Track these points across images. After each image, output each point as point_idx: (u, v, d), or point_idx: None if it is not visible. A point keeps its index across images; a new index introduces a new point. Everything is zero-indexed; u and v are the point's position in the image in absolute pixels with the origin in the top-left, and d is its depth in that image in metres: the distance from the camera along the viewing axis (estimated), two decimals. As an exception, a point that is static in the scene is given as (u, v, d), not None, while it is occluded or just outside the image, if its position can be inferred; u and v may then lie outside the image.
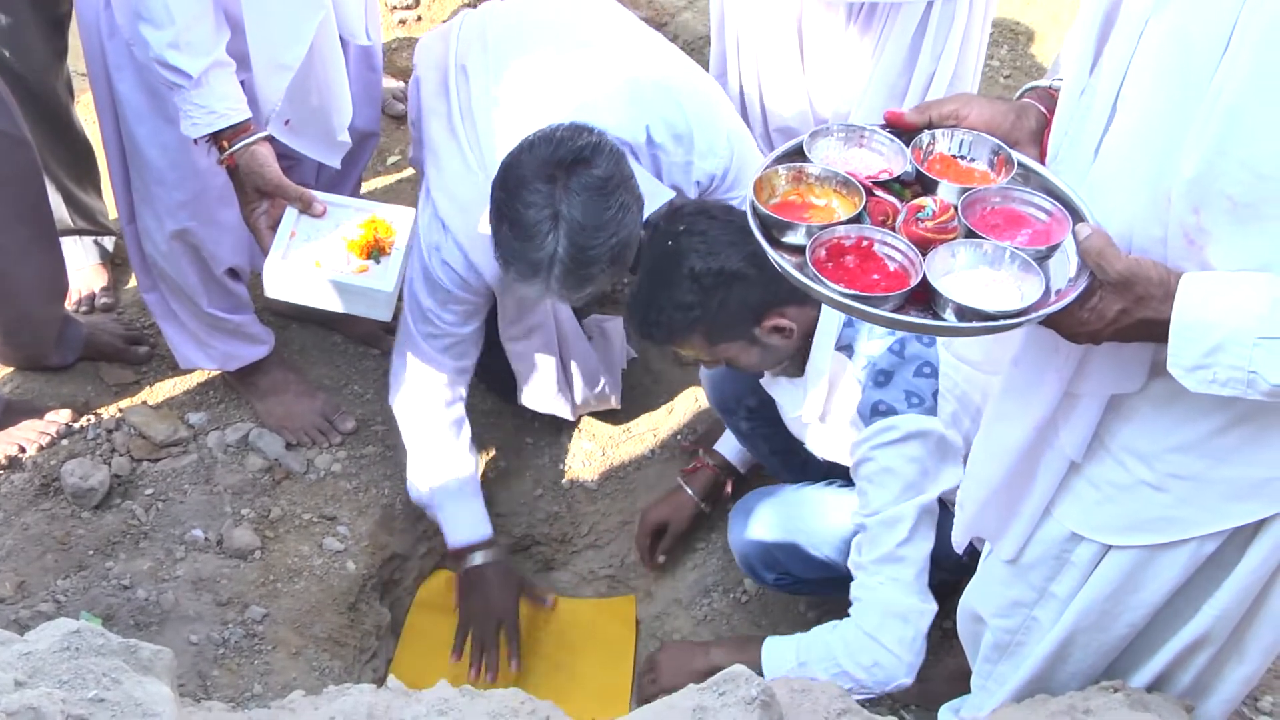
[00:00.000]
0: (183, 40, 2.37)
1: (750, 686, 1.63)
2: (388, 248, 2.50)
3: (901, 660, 2.33)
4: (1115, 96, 1.50)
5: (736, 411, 2.75)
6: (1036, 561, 1.83)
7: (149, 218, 2.78)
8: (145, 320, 3.29)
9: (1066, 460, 1.72)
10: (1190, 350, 1.41)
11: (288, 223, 2.51)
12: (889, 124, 1.66)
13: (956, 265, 1.51)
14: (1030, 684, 1.93)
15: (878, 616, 2.32)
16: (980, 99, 1.69)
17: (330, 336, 3.39)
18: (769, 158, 1.65)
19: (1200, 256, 1.43)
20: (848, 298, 1.46)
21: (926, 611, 2.33)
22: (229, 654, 2.69)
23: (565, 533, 3.24)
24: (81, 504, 2.87)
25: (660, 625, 3.04)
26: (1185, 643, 1.79)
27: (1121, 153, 1.50)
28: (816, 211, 1.59)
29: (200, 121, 2.44)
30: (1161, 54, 1.42)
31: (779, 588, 2.67)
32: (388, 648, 3.03)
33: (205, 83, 2.41)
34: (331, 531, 2.97)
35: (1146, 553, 1.70)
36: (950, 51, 2.95)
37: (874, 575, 2.33)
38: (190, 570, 2.80)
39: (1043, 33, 4.60)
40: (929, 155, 1.64)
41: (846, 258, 1.53)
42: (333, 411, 3.18)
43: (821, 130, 1.67)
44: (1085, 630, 1.82)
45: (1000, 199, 1.57)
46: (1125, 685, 1.87)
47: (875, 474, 2.29)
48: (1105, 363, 1.58)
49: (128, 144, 2.70)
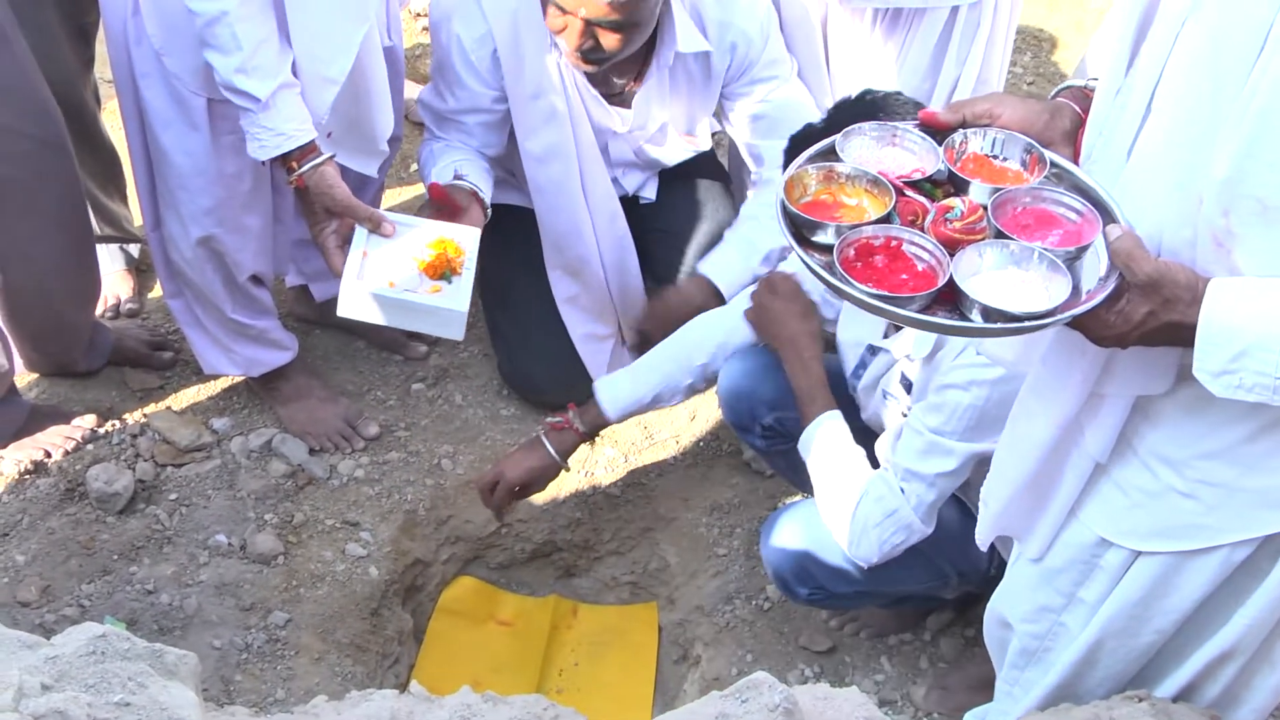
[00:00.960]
0: (250, 65, 2.39)
1: (773, 694, 1.62)
2: (458, 267, 2.54)
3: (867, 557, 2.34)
4: (1150, 97, 1.49)
5: (752, 429, 2.73)
6: (1065, 566, 1.82)
7: (174, 224, 2.80)
8: (170, 326, 3.31)
9: (1092, 460, 1.71)
10: (1216, 355, 1.40)
11: (358, 243, 2.54)
12: (922, 123, 1.66)
13: (984, 266, 1.51)
14: (1057, 690, 1.92)
15: (880, 514, 2.31)
16: (1014, 98, 1.68)
17: (353, 342, 3.40)
18: (801, 157, 1.65)
19: (1228, 259, 1.42)
20: (874, 298, 1.46)
21: (922, 533, 2.33)
22: (252, 659, 2.70)
23: (587, 539, 3.24)
24: (106, 509, 2.88)
25: (682, 632, 3.04)
26: (1215, 652, 1.77)
27: (1154, 153, 1.49)
28: (847, 211, 1.59)
29: (269, 144, 2.46)
30: (1197, 55, 1.42)
31: (812, 603, 2.65)
32: (410, 653, 3.03)
33: (273, 105, 2.43)
34: (354, 537, 2.98)
35: (1177, 559, 1.69)
36: (974, 57, 2.95)
37: (899, 478, 2.30)
38: (213, 575, 2.81)
39: (1066, 40, 4.59)
40: (962, 155, 1.64)
41: (875, 257, 1.53)
42: (356, 417, 3.19)
43: (855, 129, 1.67)
44: (1114, 636, 1.81)
45: (1031, 199, 1.57)
46: (1150, 695, 1.85)
47: (956, 402, 2.22)
48: (1132, 363, 1.57)
49: (153, 151, 2.72)
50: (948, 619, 2.85)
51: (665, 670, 3.06)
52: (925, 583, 2.58)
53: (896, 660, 2.82)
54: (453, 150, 2.94)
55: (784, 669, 2.81)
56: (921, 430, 2.28)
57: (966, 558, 2.54)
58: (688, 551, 3.13)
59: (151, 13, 2.52)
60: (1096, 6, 4.69)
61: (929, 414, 2.27)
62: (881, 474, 2.33)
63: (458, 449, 3.20)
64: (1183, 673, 1.83)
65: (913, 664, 2.81)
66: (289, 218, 2.98)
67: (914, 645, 2.84)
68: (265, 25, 2.43)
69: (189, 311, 3.00)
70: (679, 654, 3.04)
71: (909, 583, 2.54)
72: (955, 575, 2.57)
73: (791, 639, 2.86)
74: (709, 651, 2.90)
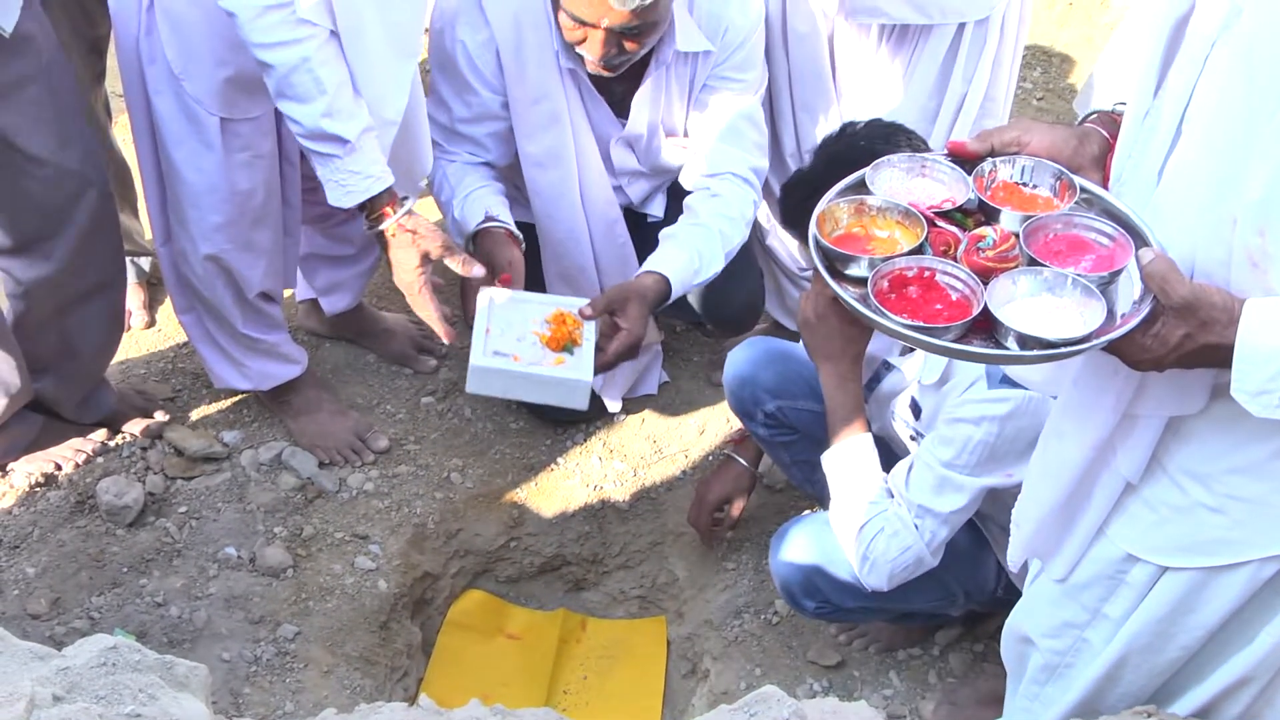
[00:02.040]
0: (334, 108, 2.39)
1: (782, 708, 1.62)
2: (578, 338, 2.62)
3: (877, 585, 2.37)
4: (1180, 119, 1.50)
5: (755, 416, 2.74)
6: (1090, 582, 1.81)
7: (184, 240, 2.81)
8: (179, 340, 3.32)
9: (1123, 481, 1.70)
10: (1255, 375, 1.40)
11: (481, 320, 2.60)
12: (951, 153, 1.67)
13: (1018, 293, 1.52)
14: (1079, 707, 1.91)
15: (896, 549, 2.33)
16: (1041, 125, 1.69)
17: (363, 356, 3.41)
18: (832, 191, 1.66)
19: (1264, 279, 1.42)
20: (909, 329, 1.47)
21: (930, 565, 2.36)
22: (261, 672, 2.70)
23: (596, 553, 3.24)
24: (116, 521, 2.89)
25: (691, 646, 3.03)
26: (1239, 670, 1.76)
27: (1186, 175, 1.50)
28: (880, 243, 1.61)
29: (355, 189, 2.46)
30: (1228, 77, 1.42)
31: (820, 616, 2.65)
32: (419, 667, 3.03)
33: (359, 148, 2.43)
34: (363, 550, 2.98)
35: (1204, 574, 1.68)
36: (982, 74, 2.95)
37: (914, 515, 2.32)
38: (223, 588, 2.82)
39: (1076, 55, 4.59)
40: (992, 184, 1.64)
41: (909, 288, 1.55)
42: (365, 430, 3.19)
43: (884, 161, 1.69)
44: (1138, 652, 1.80)
45: (1063, 225, 1.58)
46: (1157, 710, 1.85)
47: (966, 436, 2.24)
48: (1165, 384, 1.57)
49: (165, 167, 2.73)
50: (956, 634, 2.85)
51: (673, 684, 3.06)
52: (933, 601, 2.59)
53: (905, 675, 2.81)
54: (470, 175, 2.91)
55: (792, 683, 2.80)
56: (933, 464, 2.30)
57: (974, 578, 2.55)
58: (696, 565, 3.13)
59: (170, 39, 2.53)
60: (1107, 21, 4.70)
61: (940, 447, 2.29)
62: (896, 510, 2.35)
63: (467, 462, 3.21)
64: (1204, 689, 1.82)
65: (921, 679, 2.80)
66: (298, 231, 2.99)
67: (923, 660, 2.84)
68: (341, 68, 2.43)
69: (200, 326, 3.01)
70: (687, 668, 3.04)
71: (917, 601, 2.55)
72: (962, 595, 2.58)
73: (800, 653, 2.86)
74: (717, 665, 2.90)
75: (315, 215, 3.04)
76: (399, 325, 3.42)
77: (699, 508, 3.00)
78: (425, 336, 3.40)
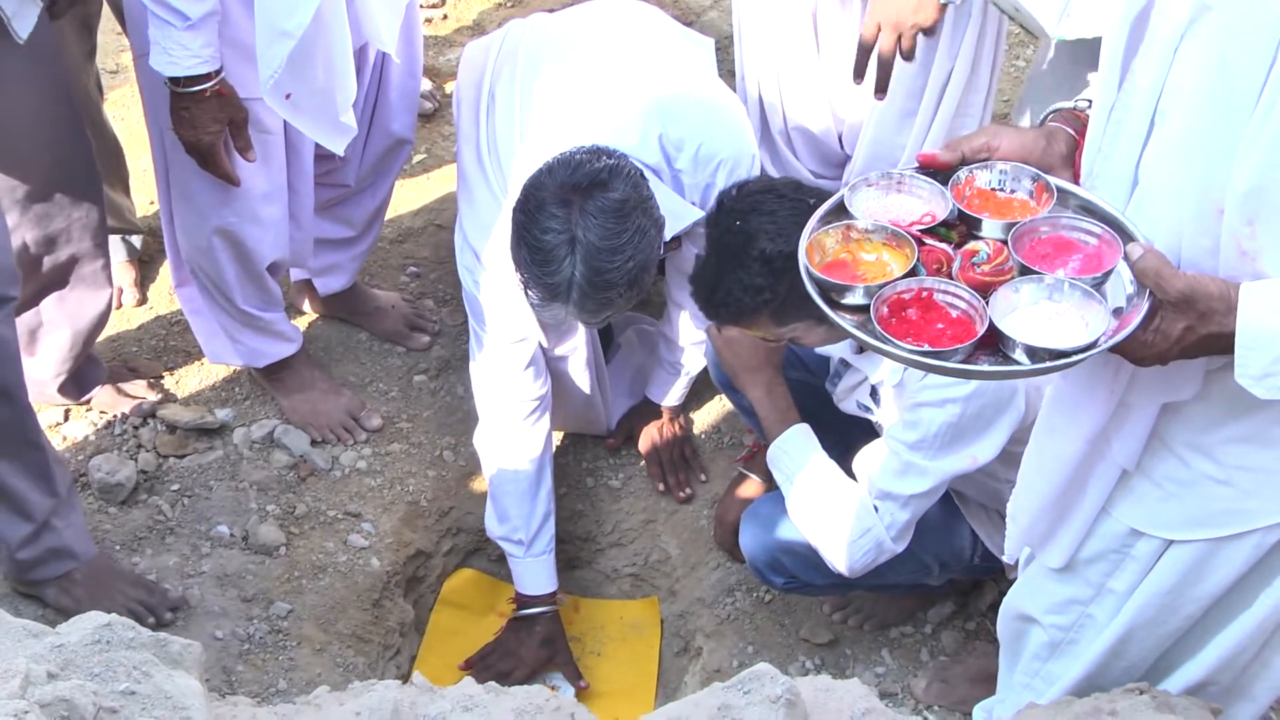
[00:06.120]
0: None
1: (775, 685, 1.62)
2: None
3: (839, 569, 2.41)
4: (1153, 112, 1.49)
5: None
6: (1094, 557, 1.82)
7: (189, 213, 2.79)
8: (171, 318, 3.32)
9: (1119, 469, 1.71)
10: (1258, 359, 1.40)
11: None
12: (923, 166, 1.66)
13: (1021, 302, 1.52)
14: (1082, 682, 1.92)
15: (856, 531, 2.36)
16: (1008, 129, 1.69)
17: (356, 334, 3.40)
18: (813, 219, 1.64)
19: (1254, 265, 1.42)
20: (917, 354, 1.47)
21: (892, 551, 2.38)
22: (254, 649, 2.71)
23: (589, 531, 3.24)
24: (108, 499, 2.89)
25: (684, 624, 3.04)
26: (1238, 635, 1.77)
27: (1165, 167, 1.50)
28: (868, 267, 1.60)
29: (180, 62, 2.44)
30: (1201, 70, 1.42)
31: (789, 590, 2.67)
32: (411, 644, 3.04)
33: (198, 26, 2.41)
34: (356, 528, 2.99)
35: (1210, 545, 1.69)
36: (965, 52, 2.94)
37: (874, 498, 2.35)
38: (215, 566, 2.82)
39: (1069, 33, 4.57)
40: (968, 192, 1.63)
41: (908, 311, 1.54)
42: (358, 409, 3.19)
43: (859, 182, 1.67)
44: (1143, 625, 1.81)
45: (1049, 228, 1.57)
46: (1151, 687, 1.86)
47: (930, 419, 2.26)
48: (1157, 372, 1.57)
49: (170, 139, 2.70)
50: (949, 612, 2.86)
51: (666, 662, 3.07)
52: (907, 575, 2.60)
53: (897, 653, 2.82)
54: (537, 488, 2.91)
55: (785, 661, 2.81)
56: (899, 450, 2.31)
57: (949, 548, 2.57)
58: (689, 544, 3.13)
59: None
60: (1099, 1, 4.68)
61: (905, 430, 2.30)
62: (857, 492, 2.37)
63: (460, 440, 3.21)
64: (1203, 658, 1.83)
65: (913, 656, 2.82)
66: (310, 223, 2.98)
67: (915, 638, 2.85)
68: None
69: (196, 301, 3.00)
70: (680, 646, 3.05)
71: (890, 576, 2.55)
72: (937, 566, 2.60)
73: (792, 631, 2.87)
74: (710, 643, 2.91)
75: (319, 201, 3.04)
76: (391, 303, 3.41)
77: (721, 530, 3.02)
78: (418, 315, 3.40)
